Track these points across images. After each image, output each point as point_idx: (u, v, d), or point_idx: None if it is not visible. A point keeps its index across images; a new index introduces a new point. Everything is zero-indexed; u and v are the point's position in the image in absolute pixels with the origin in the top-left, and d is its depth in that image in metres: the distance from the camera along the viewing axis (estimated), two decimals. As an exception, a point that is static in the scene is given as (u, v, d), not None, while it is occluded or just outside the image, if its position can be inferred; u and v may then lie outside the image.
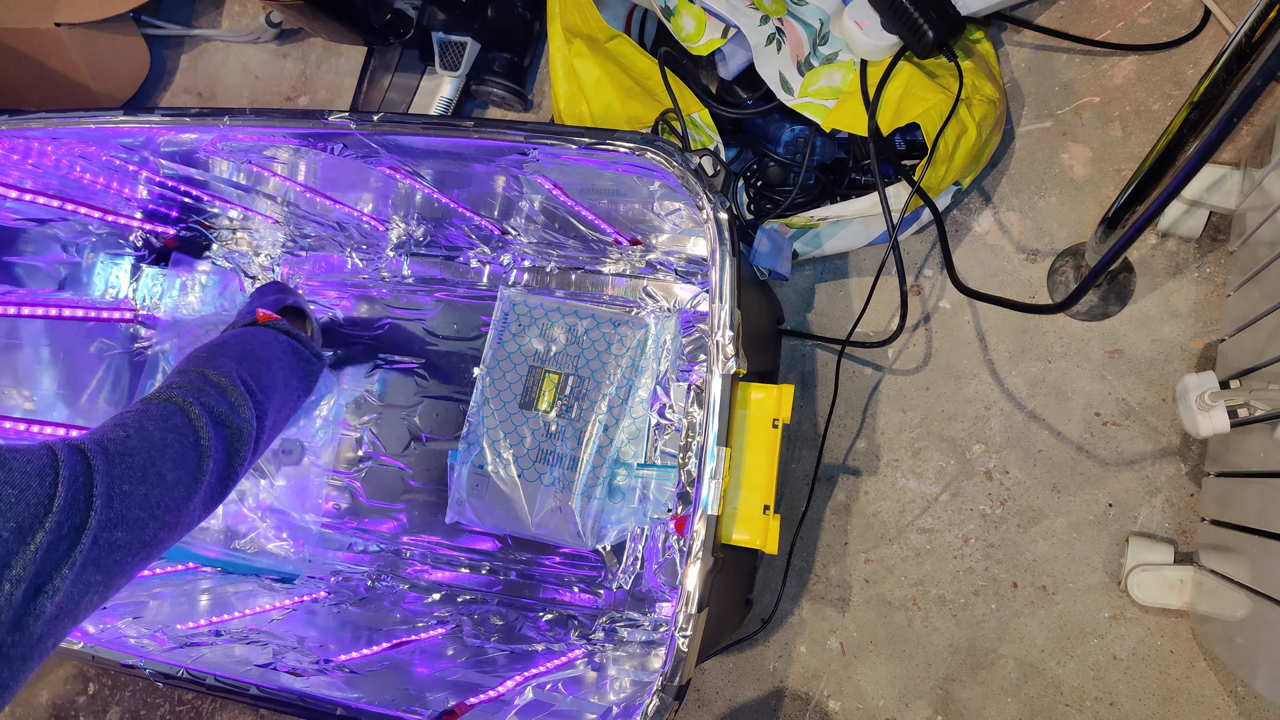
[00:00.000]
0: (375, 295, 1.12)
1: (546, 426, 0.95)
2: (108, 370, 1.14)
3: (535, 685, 0.82)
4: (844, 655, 1.00)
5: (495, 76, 1.14)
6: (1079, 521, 0.94)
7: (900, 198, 0.89)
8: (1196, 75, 0.95)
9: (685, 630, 0.65)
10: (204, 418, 0.65)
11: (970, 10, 0.91)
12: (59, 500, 0.50)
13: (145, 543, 0.57)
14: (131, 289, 1.16)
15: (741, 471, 0.69)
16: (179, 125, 0.82)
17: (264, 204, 1.04)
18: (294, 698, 0.76)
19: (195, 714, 1.20)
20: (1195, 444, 0.92)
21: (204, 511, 0.65)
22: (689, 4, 0.90)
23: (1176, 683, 0.90)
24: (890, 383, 1.01)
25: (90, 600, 0.53)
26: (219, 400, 0.68)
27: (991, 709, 0.95)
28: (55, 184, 1.00)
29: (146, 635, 0.88)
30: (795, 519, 1.01)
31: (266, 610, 0.98)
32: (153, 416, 0.63)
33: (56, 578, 0.49)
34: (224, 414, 0.68)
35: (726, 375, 0.67)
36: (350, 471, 1.11)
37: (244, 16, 1.33)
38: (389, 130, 0.77)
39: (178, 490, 0.60)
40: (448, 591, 1.04)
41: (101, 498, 0.53)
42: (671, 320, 0.97)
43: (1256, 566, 0.71)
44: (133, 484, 0.56)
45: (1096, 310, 0.95)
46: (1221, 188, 0.87)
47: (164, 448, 0.61)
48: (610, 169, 0.77)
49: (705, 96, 0.96)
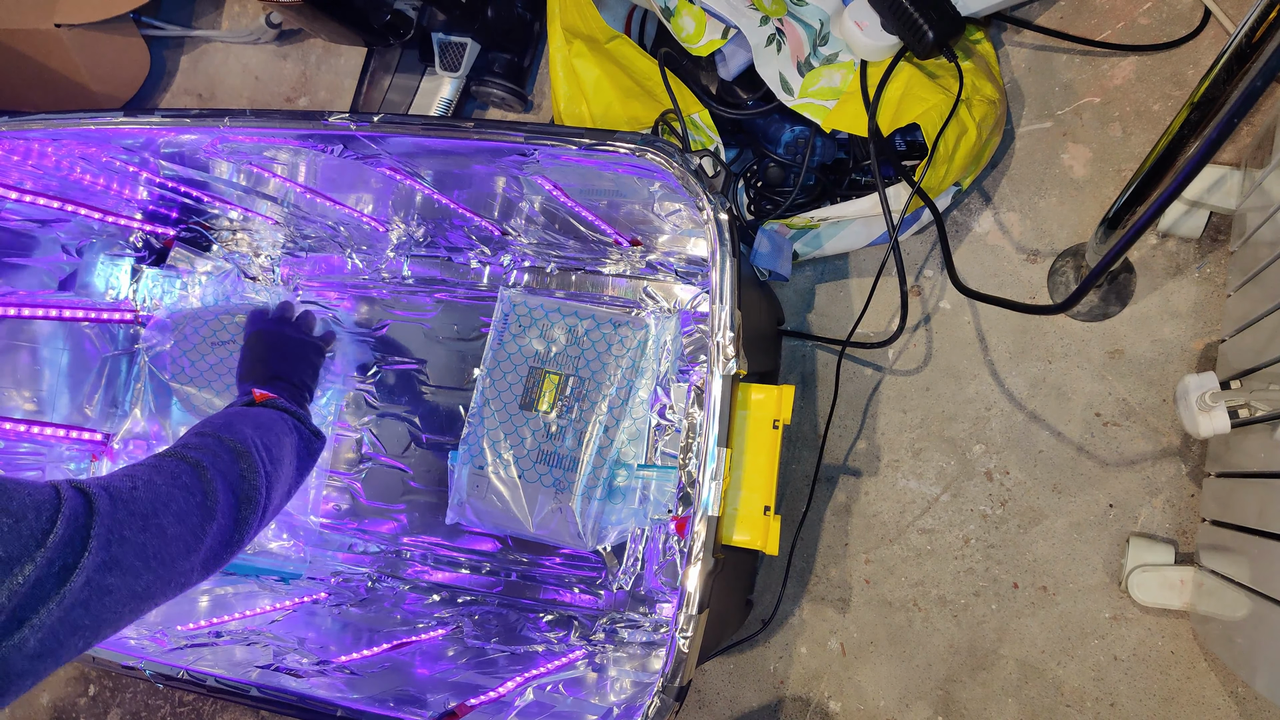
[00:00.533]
0: (375, 296, 1.12)
1: (547, 427, 0.95)
2: (108, 371, 1.14)
3: (536, 686, 0.82)
4: (844, 656, 1.00)
5: (495, 77, 1.14)
6: (1079, 522, 0.94)
7: (900, 198, 0.89)
8: (1197, 76, 0.95)
9: (686, 631, 0.65)
10: (215, 480, 0.65)
11: (970, 11, 0.91)
12: (54, 537, 0.50)
13: (137, 593, 0.56)
14: (132, 290, 1.16)
15: (742, 472, 0.69)
16: (179, 126, 0.82)
17: (264, 205, 1.04)
18: (294, 699, 0.76)
19: (196, 715, 1.20)
20: (1196, 444, 0.92)
21: (203, 573, 0.64)
22: (689, 4, 0.90)
23: (1177, 683, 0.90)
24: (890, 383, 1.01)
25: (75, 643, 0.52)
26: (231, 465, 0.68)
27: (992, 710, 0.95)
28: (55, 185, 1.00)
29: (147, 636, 0.88)
30: (796, 520, 1.01)
31: (267, 611, 0.98)
32: (163, 471, 0.62)
33: (42, 612, 0.49)
34: (235, 479, 0.68)
35: (727, 376, 0.67)
36: (350, 472, 1.11)
37: (244, 17, 1.33)
38: (389, 131, 0.77)
39: (178, 545, 0.60)
40: (448, 592, 1.04)
41: (99, 540, 0.53)
42: (672, 321, 0.97)
43: (1257, 567, 0.71)
44: (133, 531, 0.56)
45: (1097, 311, 0.95)
46: (1222, 188, 0.87)
47: (169, 502, 0.60)
48: (610, 170, 0.77)
49: (705, 97, 0.96)
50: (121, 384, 1.15)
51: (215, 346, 1.07)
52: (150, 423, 1.13)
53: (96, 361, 1.13)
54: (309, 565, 1.09)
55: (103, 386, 1.13)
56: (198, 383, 1.07)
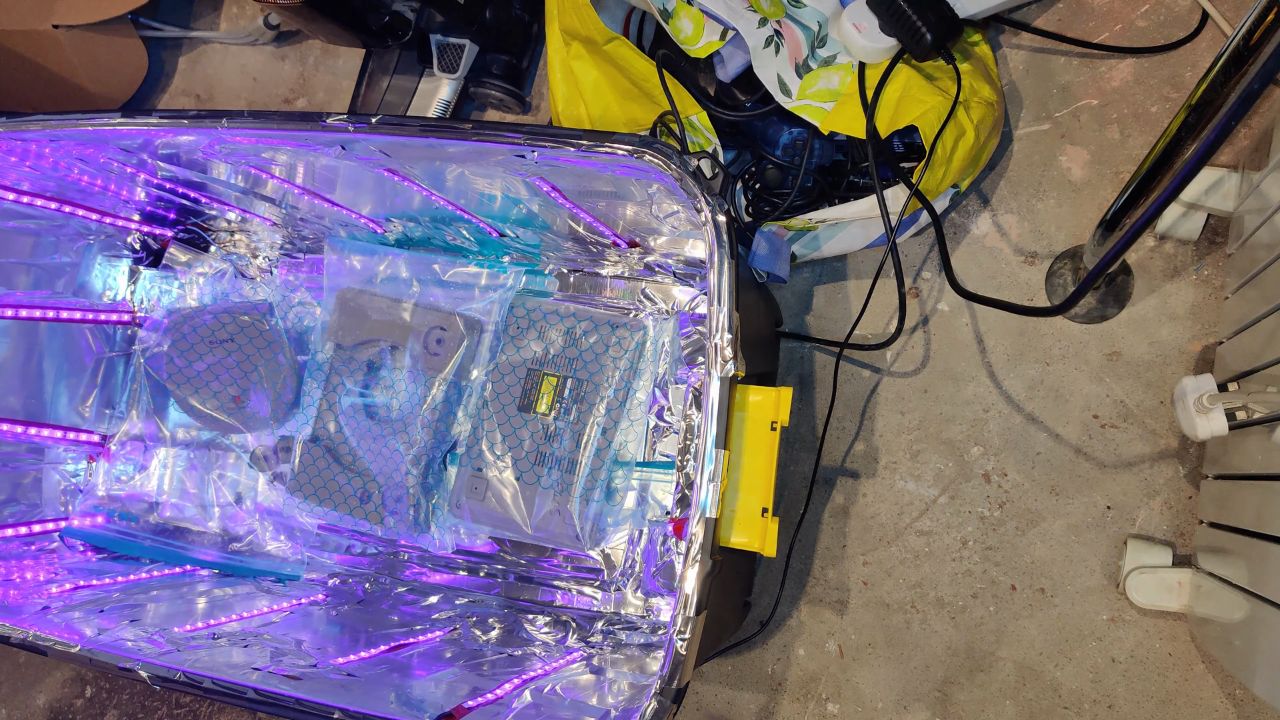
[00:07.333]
0: (373, 297, 1.12)
1: (545, 429, 0.95)
2: (106, 372, 1.14)
3: (534, 688, 0.82)
4: (842, 658, 1.00)
5: (493, 79, 1.14)
6: (1077, 524, 0.94)
7: (898, 200, 0.89)
8: (1194, 78, 0.96)
9: (684, 633, 0.65)
10: None
11: (968, 13, 0.91)
12: None
13: None
14: (129, 291, 1.16)
15: (740, 474, 0.69)
16: (177, 127, 0.82)
17: (262, 206, 1.04)
18: (291, 701, 0.76)
19: (193, 717, 1.20)
20: (1193, 446, 0.92)
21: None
22: (687, 6, 0.91)
23: (1175, 685, 0.90)
24: (888, 385, 1.01)
25: None
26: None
27: (990, 712, 0.95)
28: (53, 186, 1.00)
29: (144, 638, 0.87)
30: (794, 521, 1.01)
31: (264, 613, 0.98)
32: None
33: None
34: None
35: (725, 378, 0.67)
36: (348, 474, 1.11)
37: (242, 18, 1.33)
38: (387, 132, 0.77)
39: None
40: (445, 594, 1.04)
41: None
42: (670, 323, 0.97)
43: (1254, 569, 0.71)
44: None
45: (1095, 313, 0.95)
46: (1219, 190, 0.87)
47: None
48: (608, 171, 0.77)
49: (703, 99, 0.96)
50: (117, 385, 1.15)
51: (213, 347, 1.07)
52: (147, 424, 1.13)
53: (94, 363, 1.13)
54: (306, 567, 1.09)
55: (98, 387, 1.13)
56: (194, 383, 1.07)
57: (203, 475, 1.12)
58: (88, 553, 1.09)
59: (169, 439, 1.13)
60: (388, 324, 1.01)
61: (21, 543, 1.06)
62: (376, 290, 1.03)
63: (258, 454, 1.10)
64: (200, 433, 1.12)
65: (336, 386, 1.03)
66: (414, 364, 0.99)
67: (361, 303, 1.02)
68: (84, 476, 1.14)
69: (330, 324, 1.03)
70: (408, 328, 1.00)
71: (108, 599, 0.97)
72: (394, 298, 1.02)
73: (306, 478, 1.03)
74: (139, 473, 1.13)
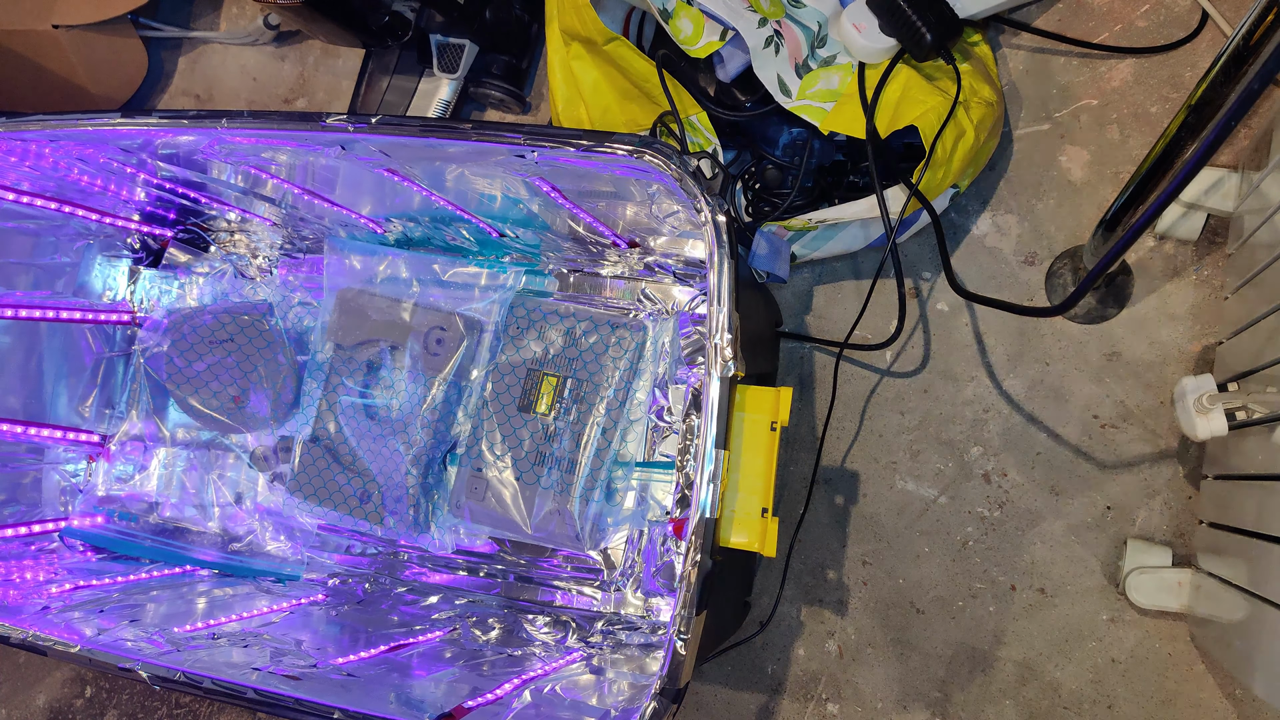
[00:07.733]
0: (373, 297, 1.12)
1: (545, 429, 0.95)
2: (106, 372, 1.14)
3: (533, 688, 0.82)
4: (842, 658, 1.00)
5: (493, 79, 1.14)
6: (1077, 524, 0.94)
7: (898, 200, 0.89)
8: (1194, 78, 0.96)
9: (683, 633, 0.65)
10: None
11: (968, 13, 0.91)
12: None
13: None
14: (129, 291, 1.16)
15: (739, 474, 0.69)
16: (177, 127, 0.82)
17: (262, 206, 1.04)
18: (291, 701, 0.76)
19: (193, 717, 1.20)
20: (1193, 447, 0.92)
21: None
22: (687, 6, 0.91)
23: (1175, 685, 0.90)
24: (888, 385, 1.01)
25: None
26: None
27: (990, 712, 0.95)
28: (53, 186, 1.00)
29: (144, 638, 0.87)
30: (794, 521, 1.01)
31: (264, 613, 0.98)
32: None
33: None
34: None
35: (725, 378, 0.67)
36: (348, 474, 1.11)
37: (242, 18, 1.33)
38: (387, 132, 0.77)
39: None
40: (445, 594, 1.04)
41: None
42: (670, 323, 0.97)
43: (1254, 569, 0.71)
44: None
45: (1094, 313, 0.95)
46: (1219, 190, 0.87)
47: None
48: (608, 171, 0.77)
49: (703, 99, 0.96)
50: (117, 385, 1.15)
51: (213, 347, 1.07)
52: (146, 424, 1.13)
53: (93, 363, 1.13)
54: (306, 567, 1.09)
55: (98, 387, 1.13)
56: (194, 383, 1.07)
57: (202, 475, 1.12)
58: (87, 553, 1.09)
59: (169, 439, 1.13)
60: (388, 324, 1.01)
61: (21, 543, 1.06)
62: (376, 290, 1.03)
63: (258, 454, 1.10)
64: (200, 433, 1.12)
65: (336, 386, 1.03)
66: (414, 364, 0.99)
67: (361, 303, 1.02)
68: (84, 476, 1.14)
69: (330, 324, 1.03)
70: (408, 328, 1.00)
71: (107, 599, 0.97)
72: (394, 298, 1.02)
73: (306, 478, 1.03)
74: (139, 473, 1.13)
